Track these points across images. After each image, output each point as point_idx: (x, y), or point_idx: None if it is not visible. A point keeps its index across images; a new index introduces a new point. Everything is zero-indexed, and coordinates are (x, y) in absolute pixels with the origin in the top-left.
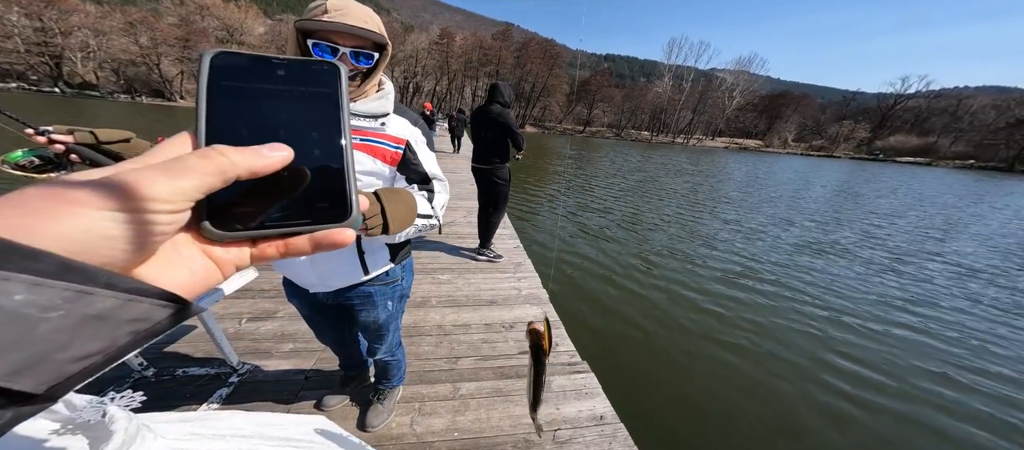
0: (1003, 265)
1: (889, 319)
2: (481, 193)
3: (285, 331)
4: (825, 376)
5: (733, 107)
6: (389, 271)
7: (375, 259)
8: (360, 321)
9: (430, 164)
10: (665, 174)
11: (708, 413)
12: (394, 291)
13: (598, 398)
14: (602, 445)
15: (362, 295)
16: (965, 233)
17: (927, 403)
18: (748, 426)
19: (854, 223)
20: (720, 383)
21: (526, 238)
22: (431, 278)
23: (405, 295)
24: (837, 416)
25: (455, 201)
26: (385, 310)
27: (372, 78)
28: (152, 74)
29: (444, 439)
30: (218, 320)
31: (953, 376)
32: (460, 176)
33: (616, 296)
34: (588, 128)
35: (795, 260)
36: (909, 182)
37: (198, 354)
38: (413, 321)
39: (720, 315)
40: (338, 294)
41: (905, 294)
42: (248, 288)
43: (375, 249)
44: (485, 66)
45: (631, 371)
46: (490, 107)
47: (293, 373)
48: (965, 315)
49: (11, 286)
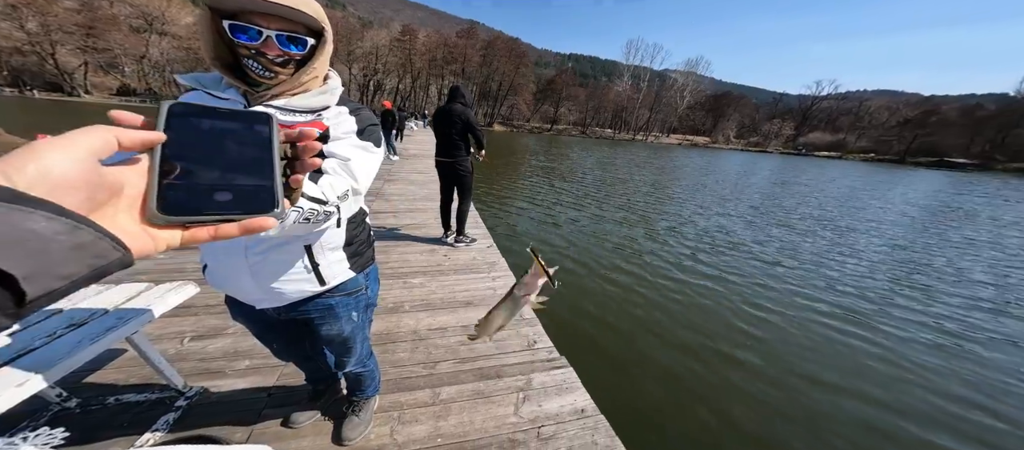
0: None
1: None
2: (446, 185)
3: (238, 348)
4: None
5: (684, 106)
6: (350, 281)
7: (332, 269)
8: (322, 335)
9: (340, 147)
10: (634, 168)
11: (683, 398)
12: (358, 301)
13: (578, 392)
14: (585, 438)
15: (321, 308)
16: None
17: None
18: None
19: (792, 210)
20: (690, 366)
21: (497, 237)
22: (402, 283)
23: (372, 304)
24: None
25: (425, 202)
26: (350, 322)
27: (309, 68)
28: (45, 65)
29: (427, 446)
30: (154, 342)
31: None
32: (419, 176)
33: (592, 289)
34: (555, 126)
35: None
36: (821, 172)
37: (133, 380)
38: (386, 328)
39: (688, 300)
40: (292, 308)
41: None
42: (189, 304)
43: (330, 258)
44: (450, 64)
45: (608, 362)
46: (453, 106)
47: (253, 392)
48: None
49: (37, 217)
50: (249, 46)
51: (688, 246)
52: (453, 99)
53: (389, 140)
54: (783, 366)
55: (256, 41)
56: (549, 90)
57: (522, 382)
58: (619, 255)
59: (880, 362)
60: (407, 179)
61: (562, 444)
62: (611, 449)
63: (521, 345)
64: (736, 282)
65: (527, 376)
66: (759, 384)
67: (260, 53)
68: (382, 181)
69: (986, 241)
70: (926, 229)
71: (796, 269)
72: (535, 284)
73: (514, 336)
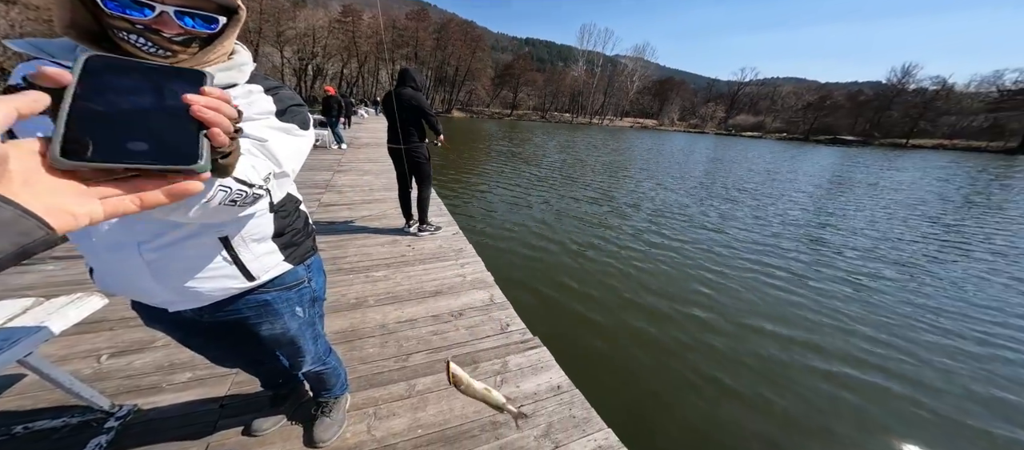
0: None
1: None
2: (403, 173)
3: (175, 360)
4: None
5: (634, 90)
6: (288, 274)
7: (261, 263)
8: (264, 336)
9: (255, 129)
10: (593, 150)
11: (650, 360)
12: (301, 295)
13: (553, 370)
14: (563, 412)
15: (255, 305)
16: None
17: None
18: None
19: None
20: (655, 335)
21: (464, 224)
22: (365, 277)
23: (318, 298)
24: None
25: (383, 192)
26: (294, 318)
27: (217, 46)
28: None
29: (408, 438)
30: (59, 363)
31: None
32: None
33: (563, 266)
34: (515, 111)
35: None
36: (746, 150)
37: (42, 405)
38: (350, 325)
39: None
40: (217, 309)
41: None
42: (98, 319)
43: (256, 251)
44: (401, 48)
45: (580, 336)
46: (402, 90)
47: (201, 404)
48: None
49: None
50: (133, 20)
51: (646, 219)
52: (402, 83)
53: (335, 128)
54: (733, 318)
55: (147, 16)
56: (507, 75)
57: (498, 366)
58: (586, 232)
59: (805, 309)
60: (360, 169)
61: (542, 420)
62: (588, 419)
63: (495, 329)
64: (689, 249)
65: (503, 359)
66: (716, 336)
67: (152, 30)
68: (331, 172)
69: (870, 204)
70: (831, 195)
71: (736, 233)
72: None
73: (487, 321)
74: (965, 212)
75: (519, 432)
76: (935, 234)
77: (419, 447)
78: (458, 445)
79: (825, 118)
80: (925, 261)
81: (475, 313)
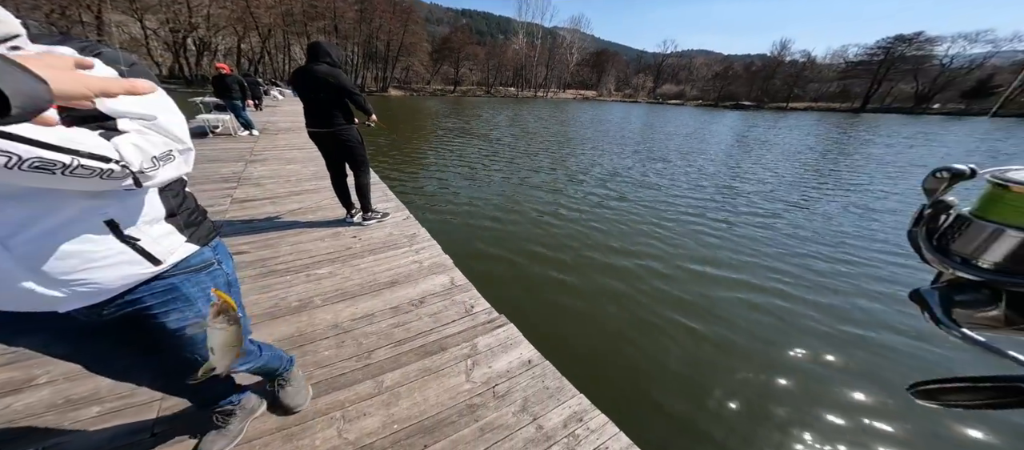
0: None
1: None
2: (332, 159)
3: (70, 396)
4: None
5: (574, 62)
6: (193, 255)
7: (161, 245)
8: (172, 331)
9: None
10: (540, 122)
11: (611, 316)
12: (213, 277)
13: (523, 345)
14: (536, 385)
15: (161, 291)
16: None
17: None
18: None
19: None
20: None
21: (416, 208)
22: (305, 276)
23: (232, 283)
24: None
25: (314, 182)
26: (208, 303)
27: None
28: None
29: (383, 436)
30: None
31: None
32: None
33: (520, 235)
34: (458, 87)
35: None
36: (673, 117)
37: None
38: (297, 330)
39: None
40: (118, 302)
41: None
42: None
43: (154, 233)
44: (315, 21)
45: (545, 304)
46: (316, 66)
47: (127, 435)
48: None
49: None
50: None
51: (598, 183)
52: (315, 59)
53: (240, 112)
54: (676, 262)
55: None
56: (446, 49)
57: (467, 349)
58: (540, 203)
59: (726, 250)
60: (282, 157)
61: (517, 396)
62: (561, 389)
63: (459, 313)
64: (636, 206)
65: (471, 342)
66: (663, 281)
67: None
68: (243, 163)
69: (762, 157)
70: (742, 151)
71: (671, 189)
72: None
73: (451, 306)
74: (826, 159)
75: (497, 411)
76: (808, 178)
77: (398, 442)
78: (438, 433)
79: (729, 86)
80: (802, 199)
81: (437, 299)
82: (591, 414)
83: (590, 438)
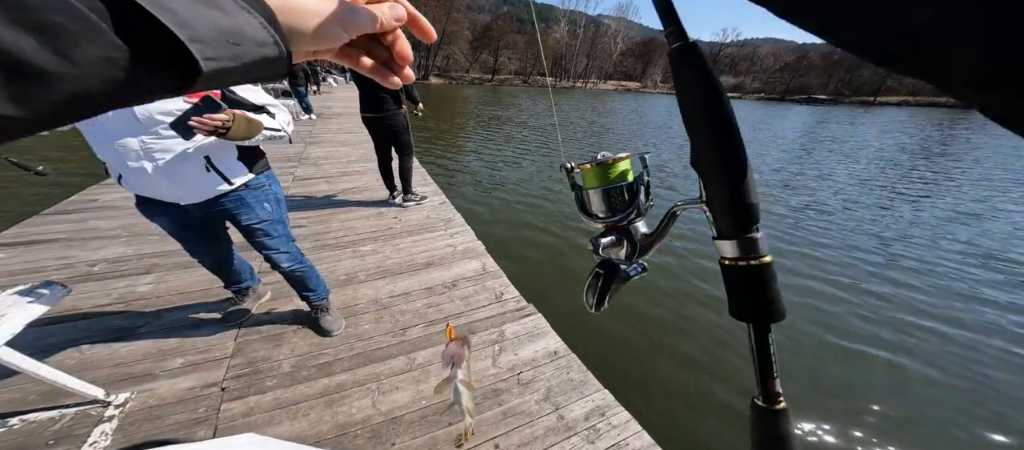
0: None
1: None
2: (381, 142)
3: (163, 347)
4: None
5: (618, 52)
6: (252, 180)
7: (231, 169)
8: (243, 225)
9: (255, 95)
10: (580, 113)
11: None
12: (267, 194)
13: (549, 336)
14: (561, 376)
15: (235, 200)
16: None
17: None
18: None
19: None
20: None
21: (452, 193)
22: (352, 252)
23: (280, 200)
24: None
25: (362, 164)
26: (264, 210)
27: None
28: None
29: (413, 410)
30: (38, 354)
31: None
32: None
33: (548, 231)
34: (496, 76)
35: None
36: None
37: (31, 396)
38: (343, 301)
39: None
40: (210, 205)
41: None
42: (71, 309)
43: (229, 164)
44: None
45: (576, 301)
46: None
47: (201, 389)
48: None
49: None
50: None
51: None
52: None
53: (303, 97)
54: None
55: None
56: (486, 38)
57: (495, 335)
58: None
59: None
60: (334, 140)
61: (541, 385)
62: (585, 382)
63: (489, 299)
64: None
65: (499, 328)
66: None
67: None
68: (303, 143)
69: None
70: (807, 151)
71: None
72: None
73: (481, 291)
74: (919, 161)
75: (520, 398)
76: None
77: (425, 418)
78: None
79: (800, 78)
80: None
81: (468, 283)
82: (614, 410)
83: (611, 433)
